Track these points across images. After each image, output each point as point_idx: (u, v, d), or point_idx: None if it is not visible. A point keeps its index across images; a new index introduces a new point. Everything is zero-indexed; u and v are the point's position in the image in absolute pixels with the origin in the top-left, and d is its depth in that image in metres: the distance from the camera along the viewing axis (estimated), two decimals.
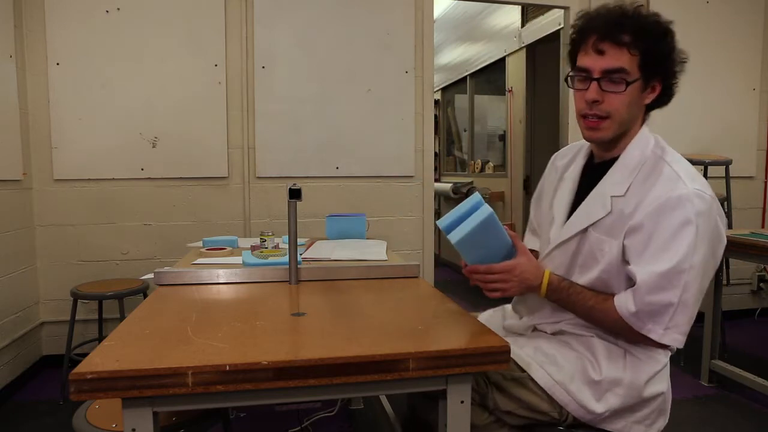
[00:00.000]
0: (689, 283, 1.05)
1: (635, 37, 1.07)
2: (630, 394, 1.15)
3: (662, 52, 1.09)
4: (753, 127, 3.69)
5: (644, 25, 1.08)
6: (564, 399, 1.15)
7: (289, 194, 1.47)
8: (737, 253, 2.40)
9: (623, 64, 1.08)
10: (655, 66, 1.10)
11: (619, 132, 1.15)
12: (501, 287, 1.14)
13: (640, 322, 1.07)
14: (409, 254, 3.20)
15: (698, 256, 1.04)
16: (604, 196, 1.15)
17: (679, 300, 1.05)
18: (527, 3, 3.95)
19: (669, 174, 1.08)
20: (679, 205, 1.03)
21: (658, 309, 1.06)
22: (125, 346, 0.95)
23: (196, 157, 2.92)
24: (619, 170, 1.15)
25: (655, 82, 1.12)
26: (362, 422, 2.31)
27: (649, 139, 1.16)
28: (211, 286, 1.48)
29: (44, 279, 2.84)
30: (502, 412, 1.19)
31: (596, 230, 1.15)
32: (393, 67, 3.11)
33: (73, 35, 2.76)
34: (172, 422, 1.26)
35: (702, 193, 1.05)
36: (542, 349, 1.22)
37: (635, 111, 1.14)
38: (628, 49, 1.07)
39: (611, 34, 1.08)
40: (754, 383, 2.37)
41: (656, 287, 1.05)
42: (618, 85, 1.09)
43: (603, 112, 1.11)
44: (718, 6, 3.56)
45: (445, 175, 6.22)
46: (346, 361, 0.90)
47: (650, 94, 1.14)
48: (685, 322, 1.07)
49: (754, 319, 3.79)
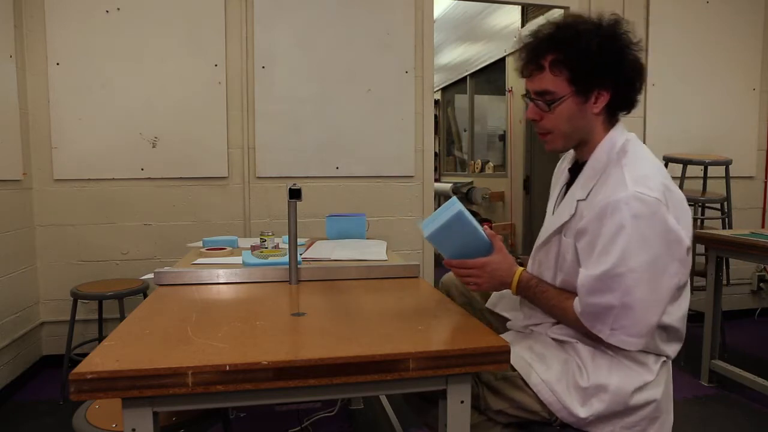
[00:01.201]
0: (631, 287, 1.04)
1: (557, 57, 1.09)
2: (615, 401, 1.13)
3: (595, 65, 1.09)
4: (753, 127, 3.69)
5: (565, 46, 1.09)
6: (549, 398, 1.15)
7: (289, 194, 1.47)
8: (737, 253, 2.41)
9: (547, 86, 1.12)
10: (591, 80, 1.11)
11: (573, 142, 1.19)
12: (475, 281, 1.21)
13: (589, 323, 1.11)
14: (409, 254, 3.20)
15: (638, 259, 1.03)
16: (572, 199, 1.19)
17: (620, 303, 1.05)
18: (527, 3, 3.95)
19: (616, 178, 1.09)
20: (615, 210, 1.04)
21: (599, 311, 1.08)
22: (125, 346, 0.95)
23: (196, 157, 2.92)
24: (586, 174, 1.18)
25: (599, 91, 1.12)
26: (362, 422, 2.31)
27: (616, 143, 1.16)
28: (211, 286, 1.48)
29: (44, 279, 2.84)
30: (493, 412, 1.19)
31: (565, 234, 1.18)
32: (393, 67, 3.11)
33: (73, 35, 2.76)
34: (172, 422, 1.26)
35: (642, 195, 1.03)
36: (534, 348, 1.23)
37: (581, 122, 1.15)
38: (550, 71, 1.10)
39: (532, 60, 1.12)
40: (754, 383, 2.37)
41: (593, 290, 1.07)
42: (546, 105, 1.13)
43: (543, 129, 1.18)
44: (718, 6, 3.56)
45: (445, 175, 6.23)
46: (346, 361, 0.90)
47: (597, 102, 1.13)
48: (632, 324, 1.06)
49: (754, 319, 3.79)
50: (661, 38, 3.49)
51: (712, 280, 2.54)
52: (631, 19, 3.94)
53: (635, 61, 1.13)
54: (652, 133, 3.49)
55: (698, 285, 3.04)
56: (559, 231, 1.20)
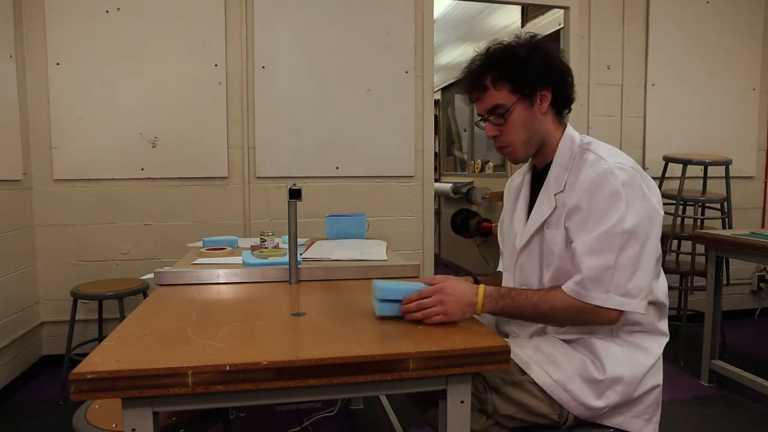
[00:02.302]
0: (624, 247, 1.10)
1: (495, 74, 1.21)
2: (628, 391, 1.17)
3: (529, 70, 1.20)
4: (753, 127, 3.69)
5: (500, 62, 1.21)
6: (563, 398, 1.16)
7: (289, 194, 1.47)
8: (737, 253, 2.41)
9: (495, 101, 1.22)
10: (529, 83, 1.21)
11: (532, 147, 1.27)
12: (440, 310, 1.08)
13: (585, 290, 1.11)
14: (409, 254, 3.20)
15: (630, 222, 1.10)
16: (548, 195, 1.25)
17: (615, 262, 1.10)
18: (527, 3, 3.95)
19: (592, 159, 1.18)
20: (605, 180, 1.12)
21: (597, 274, 1.10)
22: (125, 346, 0.95)
23: (196, 157, 2.92)
24: (556, 170, 1.25)
25: (540, 92, 1.22)
26: (362, 422, 2.31)
27: (575, 139, 1.26)
28: (211, 286, 1.48)
29: (44, 279, 2.84)
30: (501, 416, 1.19)
31: (548, 227, 1.24)
32: (393, 67, 3.11)
33: (73, 35, 2.76)
34: (172, 422, 1.27)
35: (622, 165, 1.14)
36: (542, 349, 1.22)
37: (535, 125, 1.24)
38: (493, 87, 1.22)
39: (474, 86, 1.25)
40: (754, 383, 2.37)
41: (592, 250, 1.11)
42: (499, 118, 1.23)
43: (503, 142, 1.26)
44: (718, 6, 3.56)
45: (445, 175, 6.22)
46: (346, 361, 0.90)
47: (542, 103, 1.23)
48: (625, 283, 1.10)
49: (754, 319, 3.80)
50: (661, 38, 3.49)
51: (712, 280, 2.54)
52: (631, 19, 3.91)
53: (560, 61, 1.25)
54: (652, 133, 3.49)
55: (698, 285, 3.04)
56: (539, 230, 1.25)
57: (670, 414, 2.30)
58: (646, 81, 3.49)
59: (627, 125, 3.48)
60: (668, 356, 2.89)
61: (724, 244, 2.42)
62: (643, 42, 3.48)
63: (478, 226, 4.76)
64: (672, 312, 3.34)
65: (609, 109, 3.46)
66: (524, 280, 1.31)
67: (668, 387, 2.57)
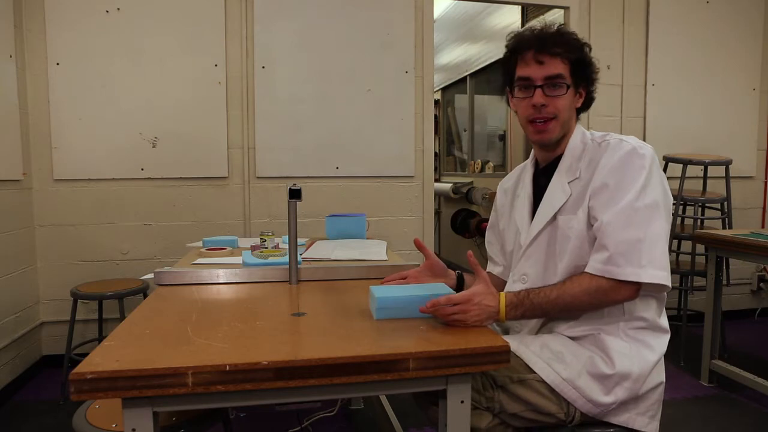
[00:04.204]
0: (652, 219, 1.12)
1: (564, 49, 1.24)
2: (635, 387, 1.18)
3: (585, 62, 1.27)
4: (753, 127, 3.69)
5: (569, 41, 1.25)
6: (572, 395, 1.16)
7: (289, 194, 1.47)
8: (737, 253, 2.41)
9: (561, 71, 1.24)
10: (582, 74, 1.27)
11: (563, 132, 1.29)
12: (461, 318, 1.07)
13: (617, 267, 1.11)
14: (409, 254, 3.20)
15: (656, 195, 1.14)
16: (561, 183, 1.26)
17: (645, 235, 1.11)
18: (527, 3, 3.95)
19: (614, 142, 1.22)
20: (631, 158, 1.16)
21: (628, 248, 1.10)
22: (125, 346, 0.95)
23: (196, 157, 2.92)
24: (568, 160, 1.28)
25: (581, 88, 1.29)
26: (362, 422, 2.31)
27: (585, 132, 1.31)
28: (211, 286, 1.48)
29: (44, 279, 2.84)
30: (507, 415, 1.18)
31: (562, 214, 1.24)
32: (393, 67, 3.11)
33: (73, 35, 2.76)
34: (172, 422, 1.26)
35: (643, 146, 1.19)
36: (549, 346, 1.22)
37: (572, 113, 1.29)
38: (561, 59, 1.23)
39: (547, 47, 1.23)
40: (754, 383, 2.37)
41: (620, 224, 1.12)
42: (560, 89, 1.24)
43: (550, 114, 1.25)
44: (718, 6, 3.56)
45: (445, 175, 6.22)
46: (346, 361, 0.90)
47: (579, 99, 1.30)
48: (659, 257, 1.11)
49: (754, 319, 3.80)
50: (661, 38, 3.49)
51: (712, 280, 2.54)
52: (631, 19, 3.91)
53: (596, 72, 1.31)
54: (652, 133, 3.49)
55: (698, 285, 3.04)
56: (552, 219, 1.26)
57: (670, 414, 2.30)
58: (646, 81, 3.49)
59: (627, 125, 3.48)
60: (668, 356, 2.88)
61: (724, 244, 2.42)
62: (643, 42, 3.49)
63: (478, 226, 4.76)
64: (672, 312, 3.34)
65: (609, 109, 3.46)
66: (533, 273, 1.29)
67: (668, 387, 2.56)
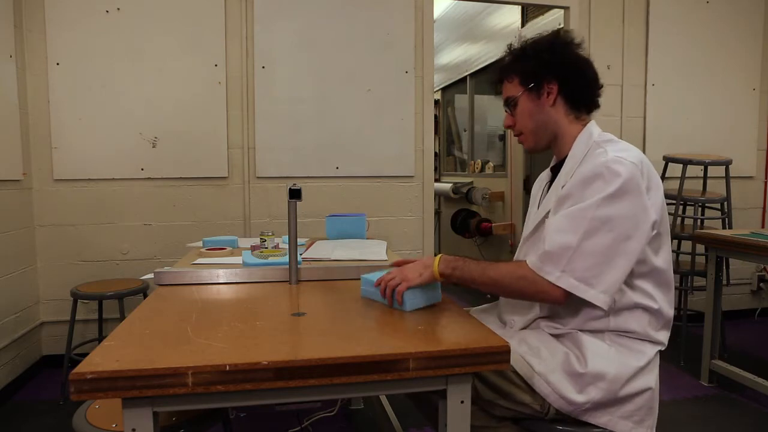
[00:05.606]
0: (592, 233, 1.09)
1: (507, 68, 1.31)
2: (612, 389, 1.15)
3: (533, 64, 1.26)
4: (753, 127, 3.69)
5: (513, 56, 1.30)
6: (544, 390, 1.16)
7: (289, 194, 1.47)
8: (737, 253, 2.41)
9: (507, 93, 1.32)
10: (534, 75, 1.26)
11: (544, 139, 1.31)
12: (399, 278, 1.21)
13: (540, 263, 1.13)
14: (409, 254, 3.20)
15: (607, 211, 1.09)
16: (557, 188, 1.27)
17: (577, 244, 1.09)
18: (527, 3, 3.95)
19: (599, 152, 1.19)
20: (598, 171, 1.13)
21: (558, 251, 1.11)
22: (125, 346, 0.95)
23: (196, 157, 2.92)
24: (570, 163, 1.27)
25: (547, 85, 1.26)
26: (362, 422, 2.31)
27: (593, 134, 1.28)
28: (211, 286, 1.48)
29: (44, 279, 2.84)
30: (483, 402, 1.20)
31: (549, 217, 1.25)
32: (393, 67, 3.11)
33: (73, 35, 2.76)
34: (172, 422, 1.26)
35: (620, 159, 1.12)
36: (527, 341, 1.24)
37: (541, 116, 1.28)
38: (507, 80, 1.32)
39: (498, 77, 1.35)
40: (754, 383, 2.37)
41: (558, 228, 1.13)
42: (513, 107, 1.31)
43: (516, 131, 1.34)
44: (718, 6, 3.56)
45: (445, 175, 6.22)
46: (346, 361, 0.90)
47: (549, 96, 1.27)
48: (583, 269, 1.09)
49: (754, 319, 3.80)
50: (661, 38, 3.49)
51: (712, 280, 2.54)
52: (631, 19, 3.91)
53: (577, 56, 1.28)
54: (652, 133, 3.49)
55: (698, 285, 3.04)
56: (542, 221, 1.27)
57: (670, 414, 2.31)
58: (646, 81, 3.49)
59: (627, 125, 3.48)
60: (668, 356, 2.90)
61: (724, 244, 2.42)
62: (643, 42, 3.49)
63: (478, 226, 4.76)
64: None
65: (609, 109, 3.46)
66: None
67: (668, 387, 2.58)
